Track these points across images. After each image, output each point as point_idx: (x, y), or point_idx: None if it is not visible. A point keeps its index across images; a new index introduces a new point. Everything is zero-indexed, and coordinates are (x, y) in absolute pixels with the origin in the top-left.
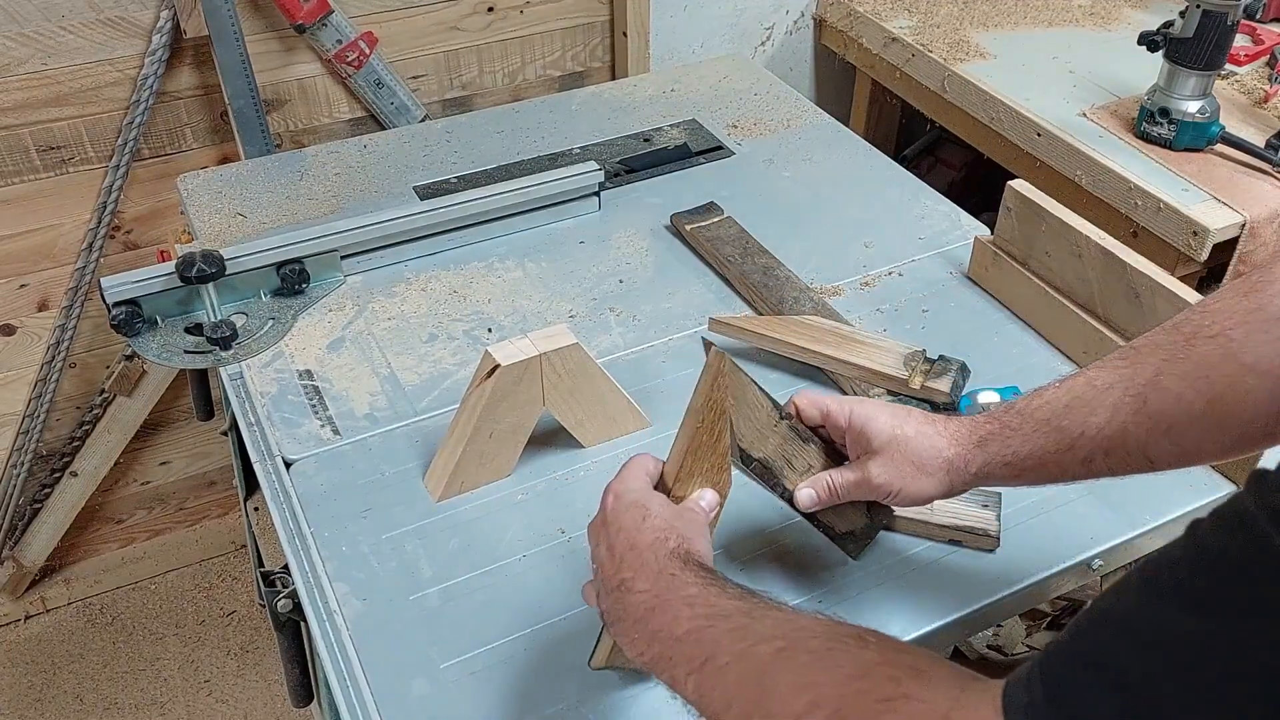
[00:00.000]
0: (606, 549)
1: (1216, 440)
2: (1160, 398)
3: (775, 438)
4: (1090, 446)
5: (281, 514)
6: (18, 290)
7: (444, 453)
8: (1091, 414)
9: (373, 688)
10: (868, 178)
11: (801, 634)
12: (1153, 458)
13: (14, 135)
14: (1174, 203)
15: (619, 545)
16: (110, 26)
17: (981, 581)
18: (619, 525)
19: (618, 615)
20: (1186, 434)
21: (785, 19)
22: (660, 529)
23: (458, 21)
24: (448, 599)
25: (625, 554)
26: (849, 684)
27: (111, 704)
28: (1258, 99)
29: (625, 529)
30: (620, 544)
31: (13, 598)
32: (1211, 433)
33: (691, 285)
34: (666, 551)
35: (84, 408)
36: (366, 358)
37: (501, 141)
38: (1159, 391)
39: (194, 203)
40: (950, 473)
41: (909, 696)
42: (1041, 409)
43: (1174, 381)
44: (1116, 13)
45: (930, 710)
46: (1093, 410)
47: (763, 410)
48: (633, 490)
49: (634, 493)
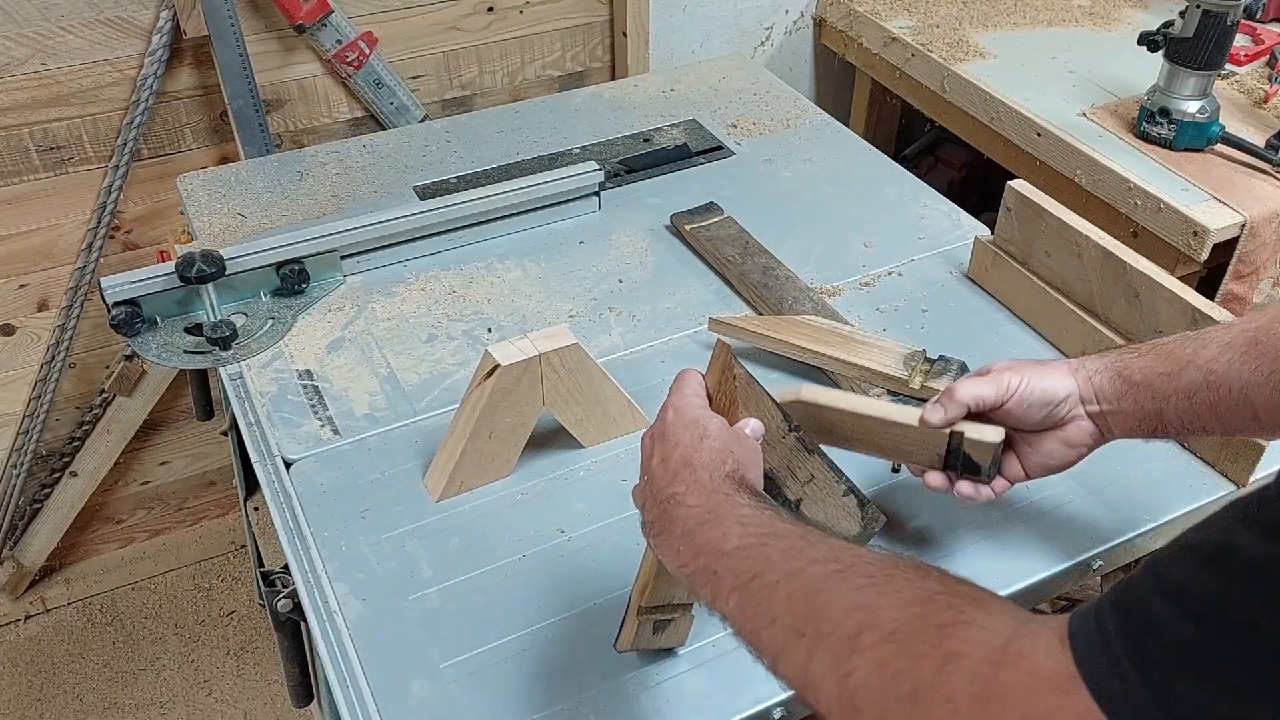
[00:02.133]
0: (660, 460)
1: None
2: (1271, 340)
3: (782, 449)
4: (1196, 376)
5: (281, 514)
6: (17, 290)
7: (444, 452)
8: (1203, 347)
9: (372, 687)
10: (867, 177)
11: (859, 559)
12: (1255, 403)
13: (14, 135)
14: (1174, 203)
15: (674, 459)
16: (110, 27)
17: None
18: (676, 440)
19: (663, 526)
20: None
21: (785, 19)
22: (718, 450)
23: (457, 21)
24: (447, 599)
25: (680, 469)
26: (906, 608)
27: (111, 704)
28: (1258, 99)
29: (682, 444)
30: (675, 458)
31: (13, 598)
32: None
33: (691, 285)
34: (723, 473)
35: (84, 408)
36: (366, 358)
37: (501, 141)
38: (1271, 335)
39: (194, 203)
40: (1072, 369)
41: (969, 623)
42: (1161, 340)
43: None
44: (1116, 12)
45: (991, 636)
46: (1204, 345)
47: (774, 421)
48: (693, 408)
49: (694, 410)
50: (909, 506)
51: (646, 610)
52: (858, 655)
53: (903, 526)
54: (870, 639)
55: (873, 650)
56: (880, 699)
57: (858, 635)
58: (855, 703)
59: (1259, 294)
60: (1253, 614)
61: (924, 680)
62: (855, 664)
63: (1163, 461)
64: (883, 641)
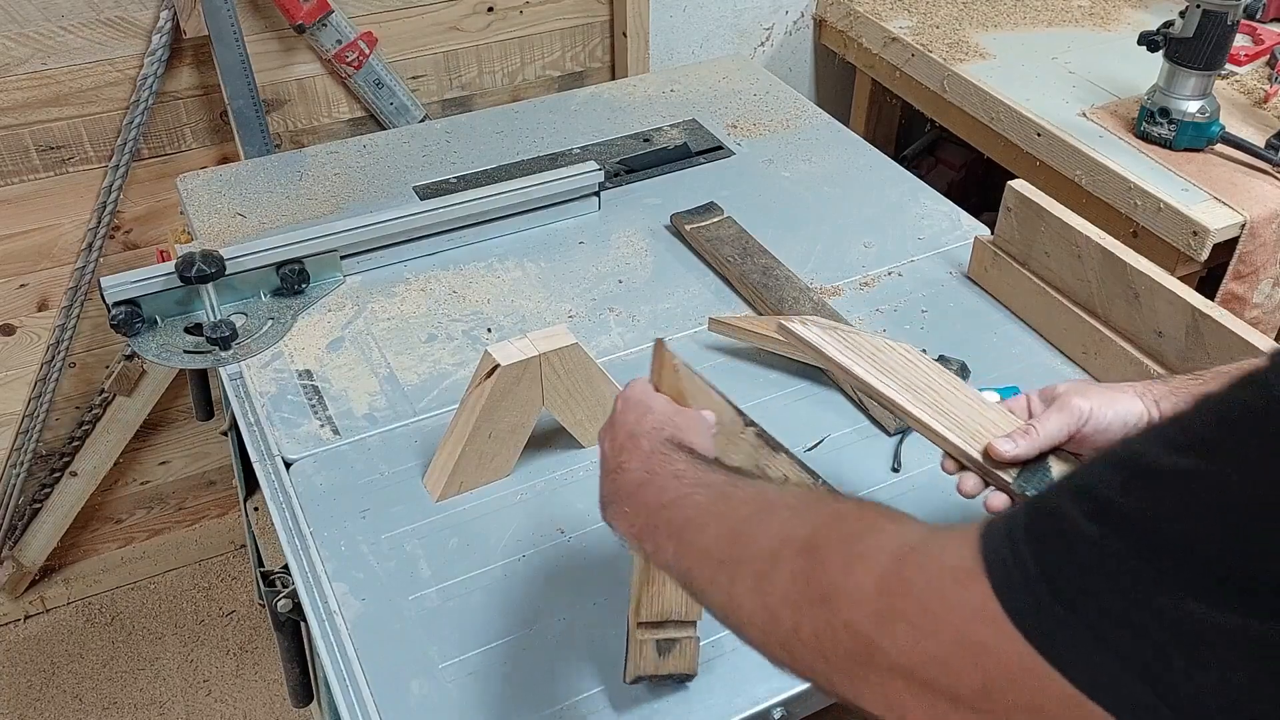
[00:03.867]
0: (609, 442)
1: None
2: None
3: (745, 445)
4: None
5: (281, 514)
6: (17, 290)
7: (443, 452)
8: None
9: (372, 687)
10: (867, 178)
11: (783, 496)
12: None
13: (14, 135)
14: (1174, 203)
15: (620, 436)
16: (110, 26)
17: None
18: (622, 421)
19: (612, 495)
20: None
21: (785, 19)
22: (660, 420)
23: (457, 22)
24: (447, 599)
25: (625, 442)
26: (822, 525)
27: (111, 703)
28: (1258, 99)
29: (627, 423)
30: (621, 435)
31: (12, 597)
32: None
33: (691, 285)
34: (662, 439)
35: (84, 407)
36: (366, 358)
37: (501, 141)
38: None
39: (193, 203)
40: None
41: (880, 530)
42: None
43: None
44: (1116, 13)
45: (900, 540)
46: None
47: (727, 414)
48: (638, 393)
49: (639, 394)
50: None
51: (646, 625)
52: (776, 571)
53: None
54: (788, 554)
55: (789, 563)
56: (796, 605)
57: (776, 553)
58: (775, 614)
59: (1259, 294)
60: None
61: (833, 582)
62: (774, 579)
63: None
64: (798, 554)
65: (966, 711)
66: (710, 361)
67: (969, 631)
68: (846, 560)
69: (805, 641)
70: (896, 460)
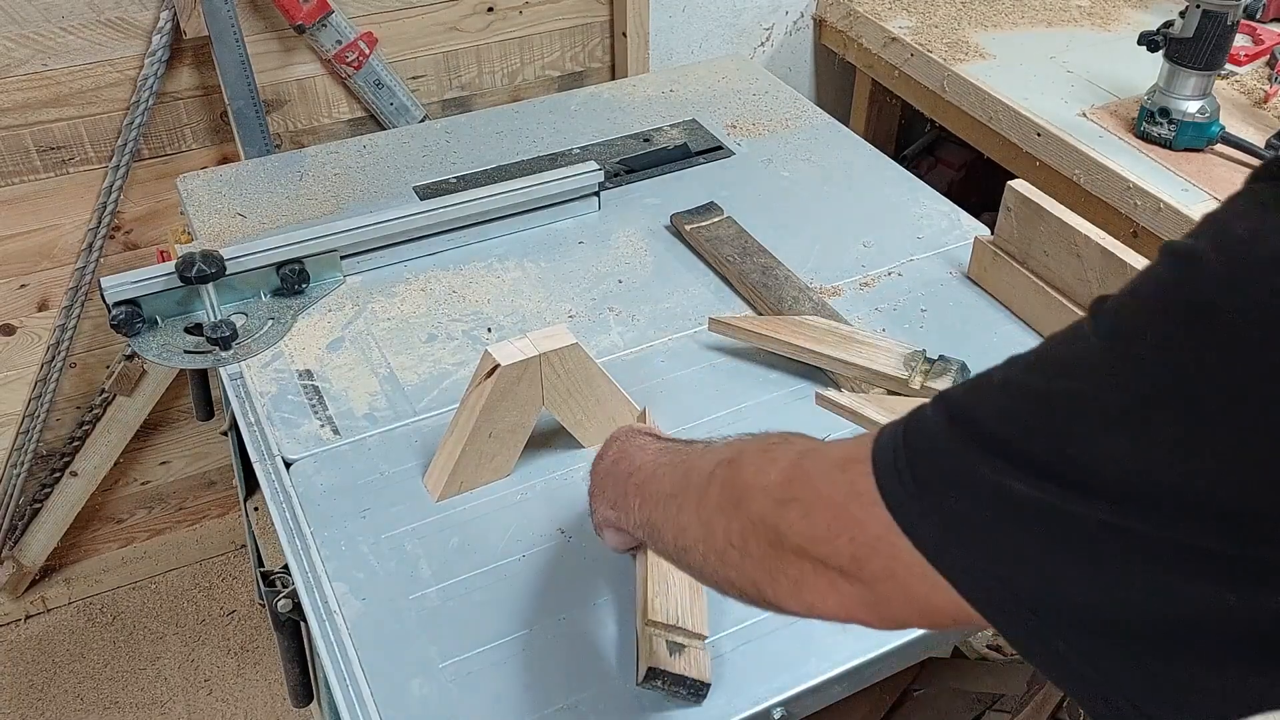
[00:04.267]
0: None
1: None
2: None
3: None
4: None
5: (281, 514)
6: (18, 290)
7: (443, 452)
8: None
9: (372, 687)
10: (867, 177)
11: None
12: None
13: (14, 135)
14: (1174, 203)
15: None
16: (110, 27)
17: None
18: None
19: (597, 483)
20: None
21: (785, 19)
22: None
23: (457, 22)
24: (447, 598)
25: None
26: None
27: (112, 703)
28: (1258, 99)
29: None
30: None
31: (13, 597)
32: None
33: (691, 285)
34: (635, 431)
35: (84, 408)
36: (366, 358)
37: (501, 142)
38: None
39: (194, 203)
40: None
41: (793, 440)
42: None
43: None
44: (1116, 13)
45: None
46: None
47: None
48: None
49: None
50: None
51: (655, 625)
52: (710, 486)
53: None
54: (719, 472)
55: (719, 478)
56: (722, 510)
57: (711, 473)
58: (710, 527)
59: None
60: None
61: (747, 482)
62: (708, 494)
63: None
64: (724, 466)
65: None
66: (710, 361)
67: (846, 506)
68: (759, 464)
69: (735, 545)
70: None
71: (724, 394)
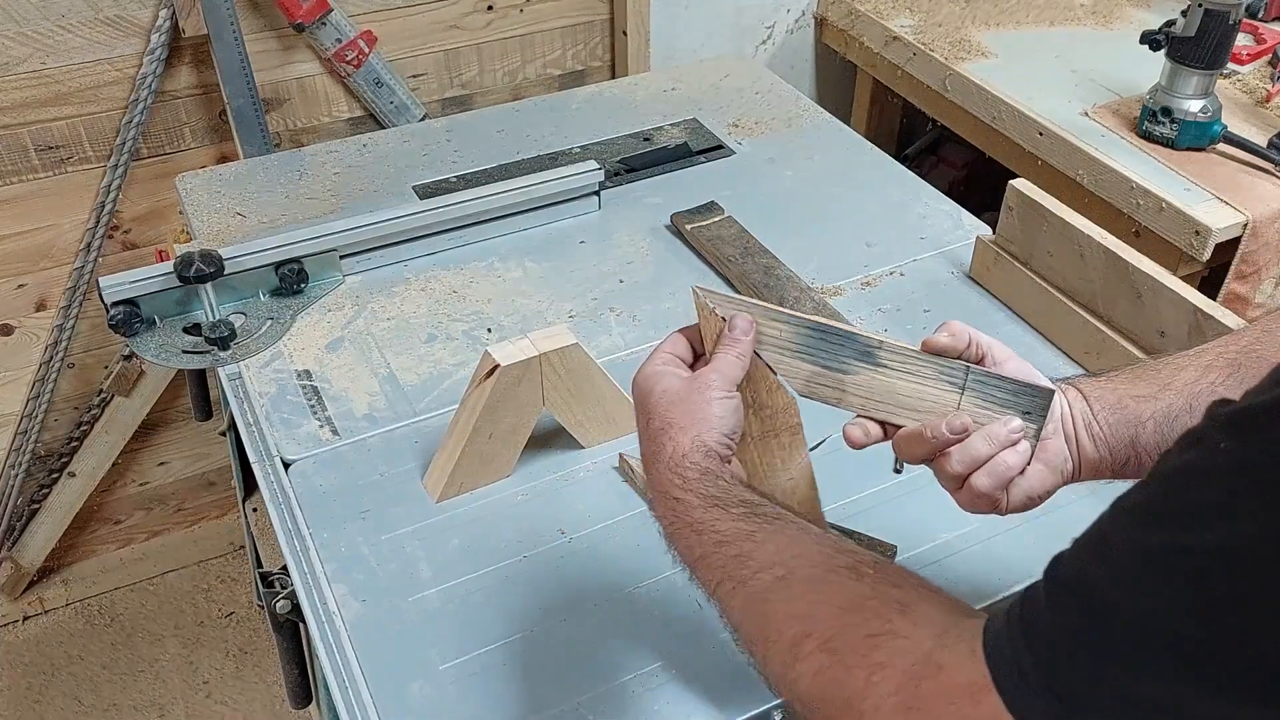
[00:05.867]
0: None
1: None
2: (1251, 363)
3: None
4: (1177, 400)
5: (280, 515)
6: (16, 290)
7: (443, 453)
8: (1181, 370)
9: (372, 689)
10: (869, 177)
11: (799, 562)
12: None
13: (12, 135)
14: (1176, 202)
15: (644, 458)
16: (109, 26)
17: (982, 583)
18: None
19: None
20: None
21: (786, 18)
22: (657, 435)
23: (457, 20)
24: (447, 600)
25: (646, 469)
26: (840, 616)
27: (110, 705)
28: (1260, 98)
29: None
30: (644, 456)
31: (11, 599)
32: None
33: (692, 285)
34: (664, 465)
35: (82, 408)
36: (365, 358)
37: (501, 141)
38: (1251, 357)
39: (192, 202)
40: None
41: (894, 633)
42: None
43: (1269, 349)
44: (1118, 11)
45: (914, 647)
46: (1183, 368)
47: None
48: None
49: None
50: (910, 509)
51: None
52: (799, 663)
53: (903, 529)
54: (809, 647)
55: (811, 658)
56: (821, 704)
57: (798, 644)
58: (805, 703)
59: (1261, 294)
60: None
61: (855, 690)
62: (798, 671)
63: None
64: (819, 650)
65: None
66: None
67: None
68: (867, 670)
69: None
70: (899, 462)
71: None
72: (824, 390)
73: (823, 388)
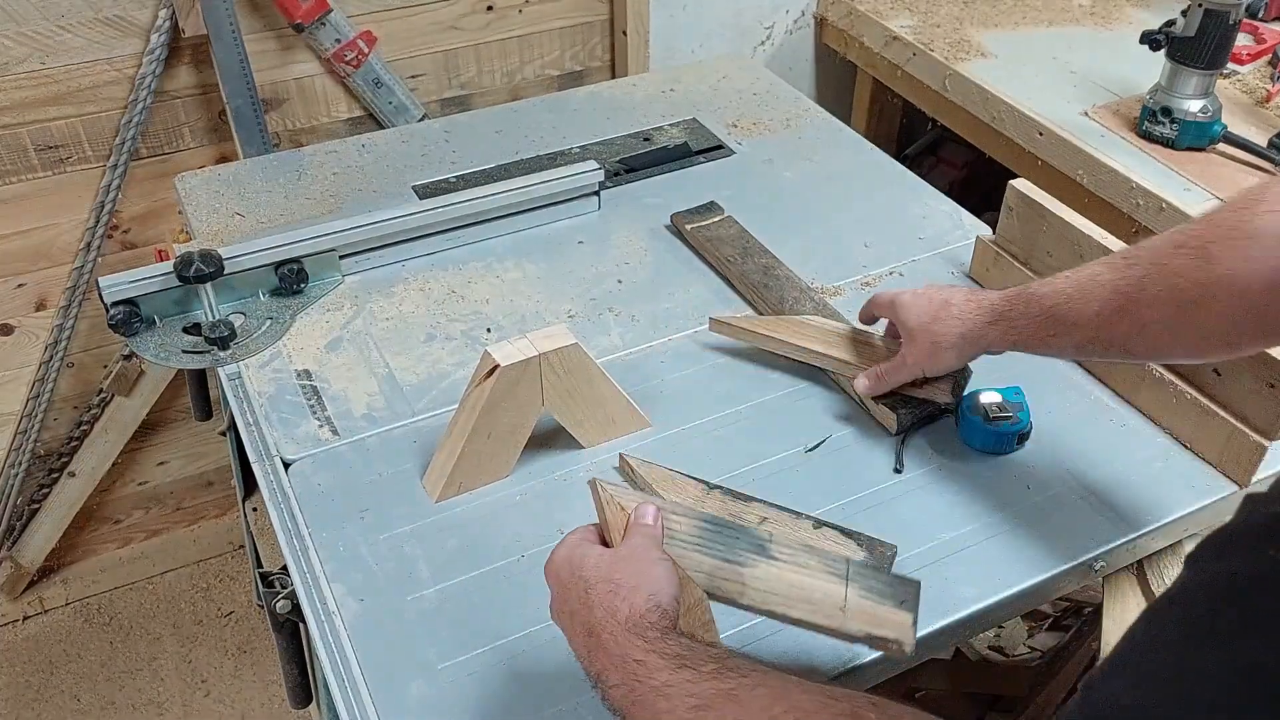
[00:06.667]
0: (571, 638)
1: (1183, 344)
2: (1141, 300)
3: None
4: (1081, 335)
5: (280, 514)
6: (16, 290)
7: (442, 453)
8: (1087, 305)
9: (371, 688)
10: (868, 177)
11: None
12: (1131, 350)
13: (12, 135)
14: (1176, 202)
15: (579, 634)
16: (109, 26)
17: (982, 583)
18: (569, 610)
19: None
20: (1159, 336)
21: (786, 18)
22: (604, 598)
23: (456, 21)
24: (446, 599)
25: (587, 642)
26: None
27: (109, 704)
28: (1260, 98)
29: (575, 613)
30: (579, 632)
31: (10, 598)
32: (1179, 337)
33: (691, 285)
34: (620, 628)
35: (82, 408)
36: (365, 358)
37: (500, 141)
38: (1141, 294)
39: (192, 202)
40: (963, 347)
41: None
42: (1049, 297)
43: (1154, 285)
44: (1118, 11)
45: None
46: (1088, 302)
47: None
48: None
49: (565, 564)
50: (910, 509)
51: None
52: None
53: (903, 529)
54: None
55: None
56: None
57: None
58: None
59: None
60: None
61: None
62: None
63: (1164, 462)
64: None
65: None
66: (710, 361)
67: None
68: None
69: None
70: (899, 461)
71: (724, 394)
72: (727, 585)
73: (726, 582)
